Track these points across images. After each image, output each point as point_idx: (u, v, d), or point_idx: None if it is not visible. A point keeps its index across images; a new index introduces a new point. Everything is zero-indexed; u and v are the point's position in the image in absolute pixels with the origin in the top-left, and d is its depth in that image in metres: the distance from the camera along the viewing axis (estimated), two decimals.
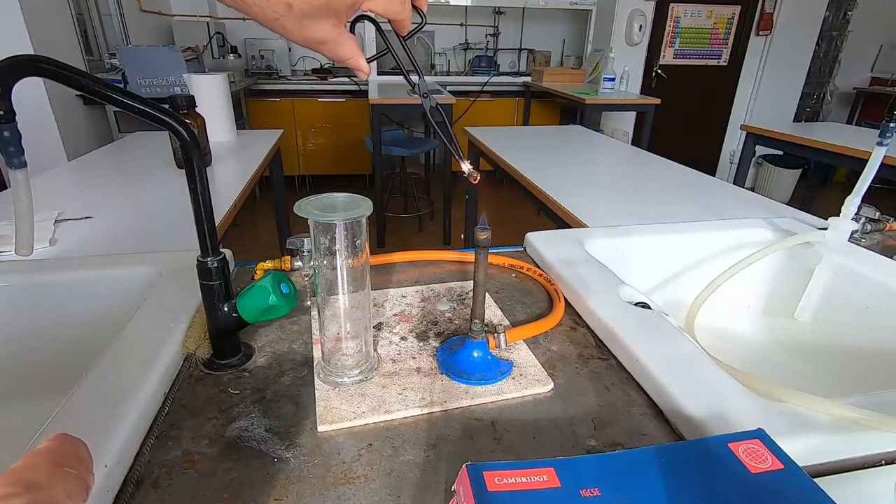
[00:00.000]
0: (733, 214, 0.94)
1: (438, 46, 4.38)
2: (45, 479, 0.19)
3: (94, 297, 0.64)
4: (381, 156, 2.84)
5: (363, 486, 0.36)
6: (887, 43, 4.55)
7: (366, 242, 0.43)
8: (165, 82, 2.65)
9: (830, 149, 1.94)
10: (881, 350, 0.67)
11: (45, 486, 0.19)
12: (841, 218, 0.72)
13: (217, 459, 0.38)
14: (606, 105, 3.23)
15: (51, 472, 0.20)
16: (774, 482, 0.29)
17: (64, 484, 0.20)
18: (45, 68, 0.35)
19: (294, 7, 0.33)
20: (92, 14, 2.91)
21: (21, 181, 0.40)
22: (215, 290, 0.46)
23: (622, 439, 0.41)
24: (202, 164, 0.43)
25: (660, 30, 3.91)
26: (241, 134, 1.66)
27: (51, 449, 0.21)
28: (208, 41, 3.45)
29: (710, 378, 0.45)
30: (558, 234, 0.77)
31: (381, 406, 0.43)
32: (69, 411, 0.39)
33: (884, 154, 0.65)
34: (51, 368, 0.65)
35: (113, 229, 0.83)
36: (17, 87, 0.35)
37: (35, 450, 0.21)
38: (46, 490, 0.19)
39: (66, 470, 0.21)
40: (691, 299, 0.80)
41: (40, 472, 0.20)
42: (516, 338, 0.53)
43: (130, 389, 0.41)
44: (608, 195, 1.08)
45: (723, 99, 4.27)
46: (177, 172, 1.18)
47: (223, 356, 0.49)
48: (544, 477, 0.29)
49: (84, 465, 0.22)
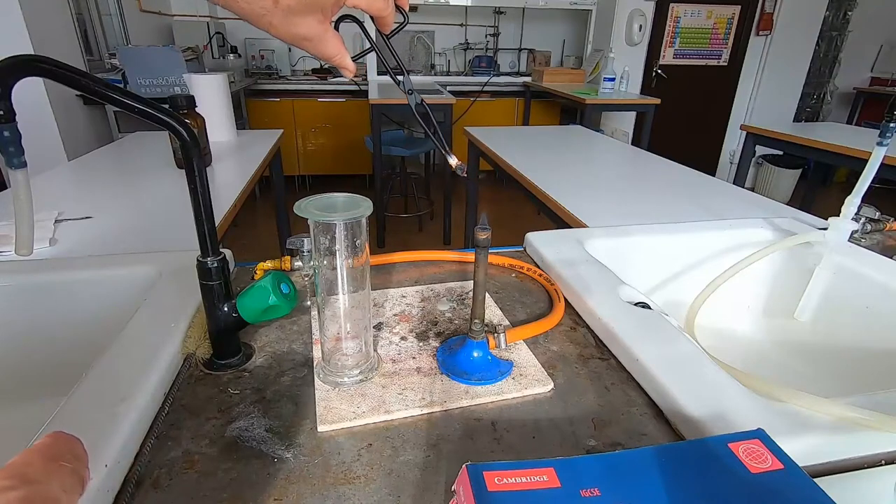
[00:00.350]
0: (733, 214, 0.94)
1: (438, 46, 4.38)
2: (41, 474, 0.20)
3: (94, 297, 0.64)
4: (381, 156, 2.84)
5: (363, 486, 0.36)
6: (887, 43, 4.54)
7: (366, 242, 0.43)
8: (165, 82, 2.65)
9: (830, 149, 1.94)
10: (881, 350, 0.67)
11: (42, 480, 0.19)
12: (841, 218, 0.72)
13: (217, 459, 0.38)
14: (606, 105, 3.23)
15: (47, 467, 0.20)
16: (774, 482, 0.29)
17: (60, 478, 0.20)
18: (45, 68, 0.35)
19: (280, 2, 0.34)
20: (92, 14, 2.91)
21: (21, 181, 0.40)
22: (215, 290, 0.46)
23: (622, 439, 0.41)
24: (202, 164, 0.43)
25: (660, 30, 3.91)
26: (241, 134, 1.66)
27: (47, 445, 0.21)
28: (208, 41, 3.45)
29: (710, 378, 0.45)
30: (558, 234, 0.77)
31: (381, 406, 0.43)
32: (69, 411, 0.39)
33: (884, 154, 0.65)
34: (51, 368, 0.65)
35: (113, 229, 0.83)
36: (17, 87, 0.35)
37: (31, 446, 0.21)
38: (43, 484, 0.19)
39: (63, 465, 0.21)
40: (691, 299, 0.80)
41: (36, 467, 0.20)
42: (516, 338, 0.53)
43: (130, 389, 0.41)
44: (608, 195, 1.08)
45: (723, 99, 4.27)
46: (177, 172, 1.18)
47: (223, 356, 0.49)
48: (544, 477, 0.29)
49: (80, 461, 0.22)
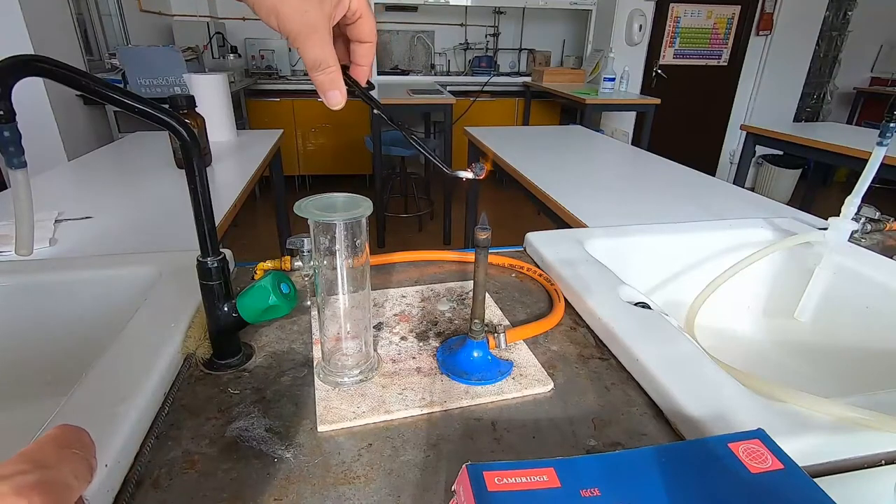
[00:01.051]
0: (733, 214, 0.94)
1: (438, 46, 4.38)
2: (53, 460, 0.21)
3: (94, 297, 0.64)
4: (381, 156, 2.84)
5: (363, 486, 0.36)
6: (887, 43, 4.54)
7: (366, 242, 0.43)
8: (165, 82, 2.65)
9: (830, 149, 1.94)
10: (881, 350, 0.67)
11: (54, 465, 0.20)
12: (841, 218, 0.72)
13: (217, 459, 0.38)
14: (606, 105, 3.24)
15: (59, 454, 0.21)
16: (774, 482, 0.29)
17: (71, 465, 0.21)
18: (45, 68, 0.35)
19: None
20: (92, 14, 2.91)
21: (21, 181, 0.40)
22: (215, 290, 0.46)
23: (622, 439, 0.41)
24: (202, 164, 0.43)
25: (660, 30, 3.91)
26: (241, 134, 1.66)
27: (57, 434, 0.22)
28: (208, 41, 3.45)
29: (710, 378, 0.45)
30: (558, 234, 0.77)
31: (381, 406, 0.43)
32: (69, 411, 0.39)
33: (884, 154, 0.65)
34: (51, 368, 0.65)
35: (113, 229, 0.83)
36: (17, 87, 0.35)
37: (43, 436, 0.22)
38: (55, 469, 0.20)
39: (73, 452, 0.22)
40: (691, 299, 0.80)
41: (49, 453, 0.21)
42: (516, 338, 0.53)
43: (130, 389, 0.41)
44: (608, 195, 1.08)
45: (723, 99, 4.27)
46: (177, 172, 1.18)
47: (223, 356, 0.49)
48: (544, 477, 0.29)
49: (88, 450, 0.23)
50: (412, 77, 4.13)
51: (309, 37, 0.36)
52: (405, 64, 4.37)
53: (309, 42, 0.36)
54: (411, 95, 2.85)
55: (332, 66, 0.37)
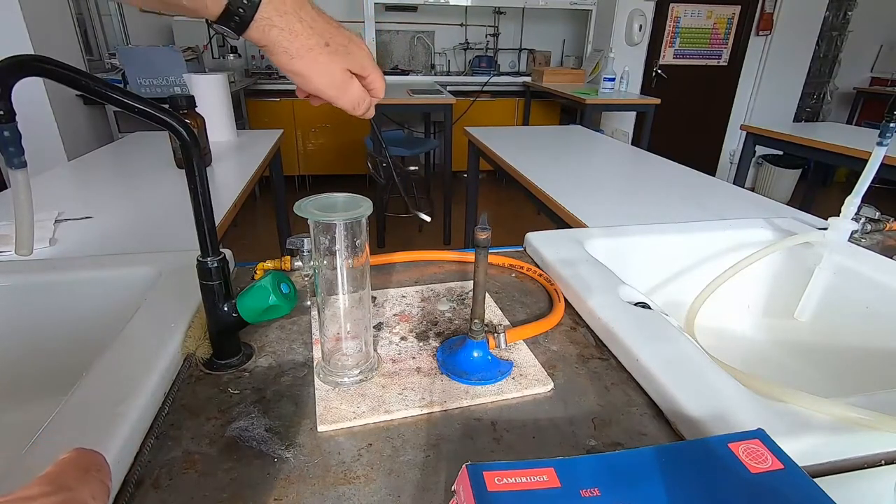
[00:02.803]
0: (733, 214, 0.94)
1: (438, 46, 4.38)
2: (74, 482, 0.22)
3: (94, 297, 0.64)
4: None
5: (363, 486, 0.36)
6: (887, 43, 4.54)
7: (366, 242, 0.43)
8: (165, 82, 2.65)
9: (830, 149, 1.94)
10: (881, 350, 0.67)
11: (75, 487, 0.21)
12: (841, 218, 0.72)
13: (217, 459, 0.38)
14: (606, 105, 3.23)
15: (79, 476, 0.22)
16: (774, 482, 0.29)
17: (90, 487, 0.22)
18: (45, 68, 0.35)
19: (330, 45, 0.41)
20: (92, 14, 2.91)
21: (21, 181, 0.40)
22: (215, 290, 0.46)
23: (622, 439, 0.41)
24: (202, 164, 0.43)
25: (660, 30, 3.90)
26: (241, 134, 1.66)
27: (76, 457, 0.23)
28: (208, 41, 3.44)
29: (710, 378, 0.45)
30: (558, 234, 0.77)
31: (381, 406, 0.43)
32: (69, 411, 0.39)
33: (884, 154, 0.65)
34: (51, 368, 0.65)
35: (113, 229, 0.83)
36: (17, 87, 0.35)
37: (62, 458, 0.23)
38: (76, 491, 0.21)
39: (92, 474, 0.23)
40: (691, 299, 0.80)
41: (70, 475, 0.22)
42: (516, 338, 0.53)
43: (130, 389, 0.41)
44: (608, 195, 1.08)
45: (723, 99, 4.27)
46: (177, 172, 1.18)
47: (223, 356, 0.49)
48: (544, 477, 0.29)
49: (104, 472, 0.24)
50: (412, 77, 4.13)
51: (342, 94, 0.44)
52: (405, 64, 4.37)
53: (344, 97, 0.44)
54: (411, 95, 2.85)
55: (365, 99, 0.46)
